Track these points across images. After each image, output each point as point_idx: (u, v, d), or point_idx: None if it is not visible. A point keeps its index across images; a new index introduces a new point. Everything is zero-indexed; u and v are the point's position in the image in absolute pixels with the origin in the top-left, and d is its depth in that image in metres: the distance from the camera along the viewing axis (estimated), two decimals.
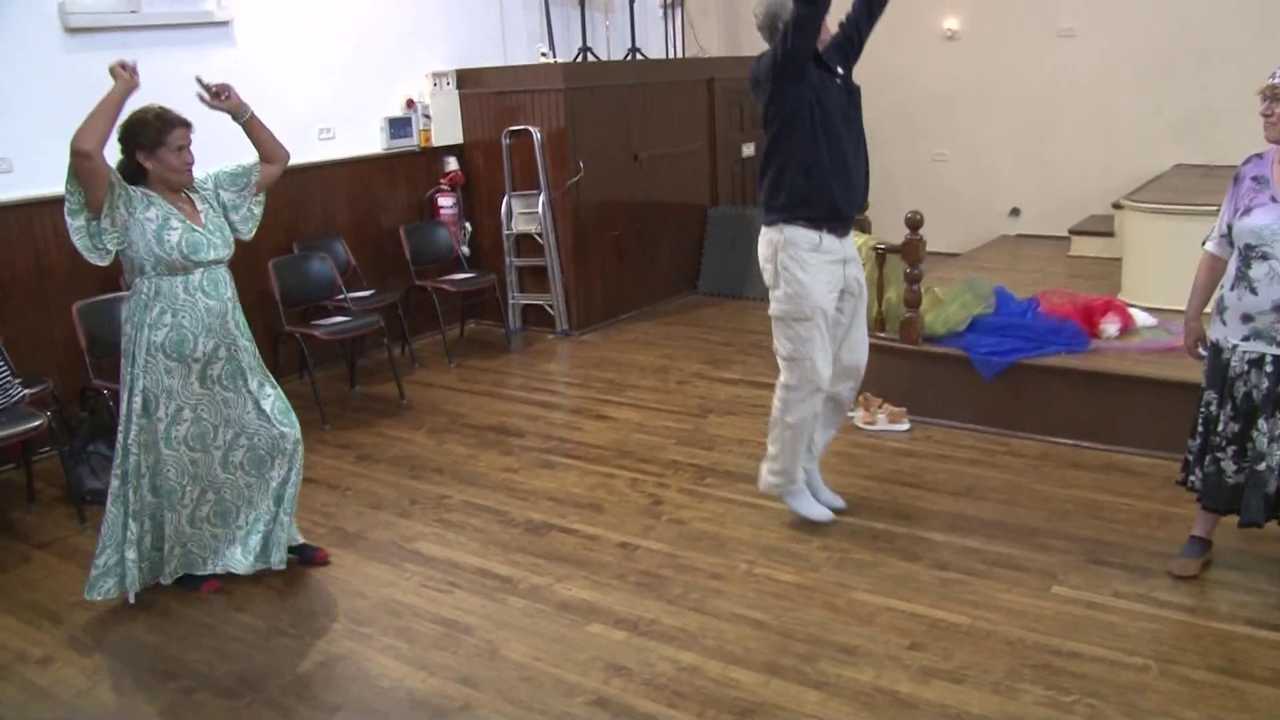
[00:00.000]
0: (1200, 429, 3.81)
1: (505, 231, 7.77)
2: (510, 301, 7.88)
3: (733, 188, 9.37)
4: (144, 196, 3.73)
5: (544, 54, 8.15)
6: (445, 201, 7.71)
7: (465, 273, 7.57)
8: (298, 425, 4.14)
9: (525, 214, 7.70)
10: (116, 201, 3.66)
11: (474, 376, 6.90)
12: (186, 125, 3.78)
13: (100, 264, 3.75)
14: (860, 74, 4.25)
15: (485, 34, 8.20)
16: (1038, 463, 5.03)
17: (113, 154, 3.71)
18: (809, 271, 4.10)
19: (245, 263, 6.27)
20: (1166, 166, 8.04)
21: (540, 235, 7.65)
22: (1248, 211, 3.56)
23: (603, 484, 5.04)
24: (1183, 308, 3.93)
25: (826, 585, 3.96)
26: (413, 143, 7.60)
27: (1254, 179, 3.60)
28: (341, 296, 6.51)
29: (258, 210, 4.09)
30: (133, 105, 3.72)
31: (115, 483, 3.91)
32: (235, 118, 3.95)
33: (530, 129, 7.53)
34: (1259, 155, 3.66)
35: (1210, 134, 7.79)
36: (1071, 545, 4.17)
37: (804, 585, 3.97)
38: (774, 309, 4.21)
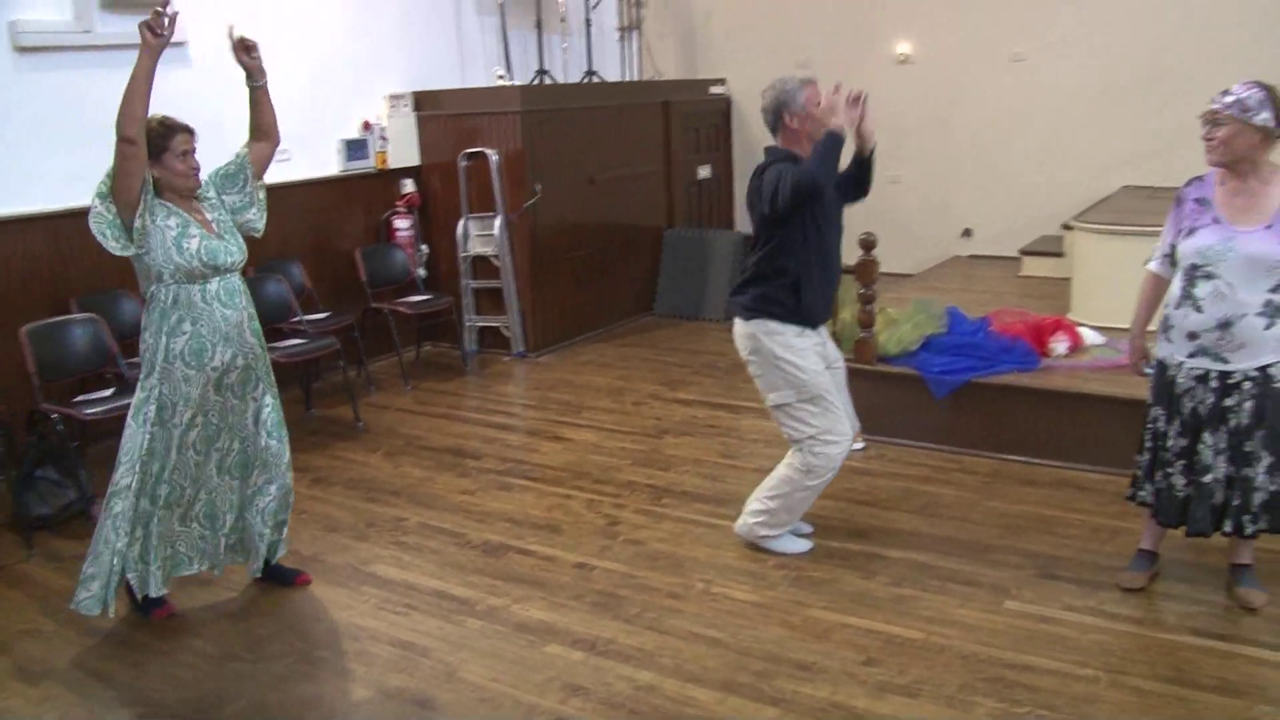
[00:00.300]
0: (1148, 445, 3.88)
1: (461, 254, 7.77)
2: (466, 324, 7.87)
3: (689, 210, 9.43)
4: (162, 205, 3.75)
5: (501, 77, 8.18)
6: (401, 224, 7.71)
7: (421, 295, 7.56)
8: (287, 442, 4.15)
9: (482, 236, 7.71)
10: (149, 202, 3.69)
11: (430, 399, 6.88)
12: (189, 131, 3.81)
13: (118, 252, 3.71)
14: None
15: (442, 57, 8.22)
16: (990, 480, 5.09)
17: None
18: (802, 355, 4.16)
19: None
20: (1114, 188, 8.18)
21: (497, 257, 7.66)
22: (1192, 232, 3.64)
23: (560, 505, 5.04)
24: (1130, 326, 4.01)
25: (783, 603, 3.99)
26: (369, 165, 7.59)
27: (1196, 201, 3.69)
28: (297, 319, 6.47)
29: (262, 196, 4.11)
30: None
31: (119, 500, 3.83)
32: (251, 78, 3.98)
33: (487, 151, 7.55)
34: (1200, 178, 3.75)
35: (1157, 157, 7.93)
36: (1024, 560, 4.23)
37: (760, 604, 3.99)
38: (775, 400, 4.21)
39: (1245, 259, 3.52)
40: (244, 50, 3.90)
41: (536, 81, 8.39)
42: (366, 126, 7.59)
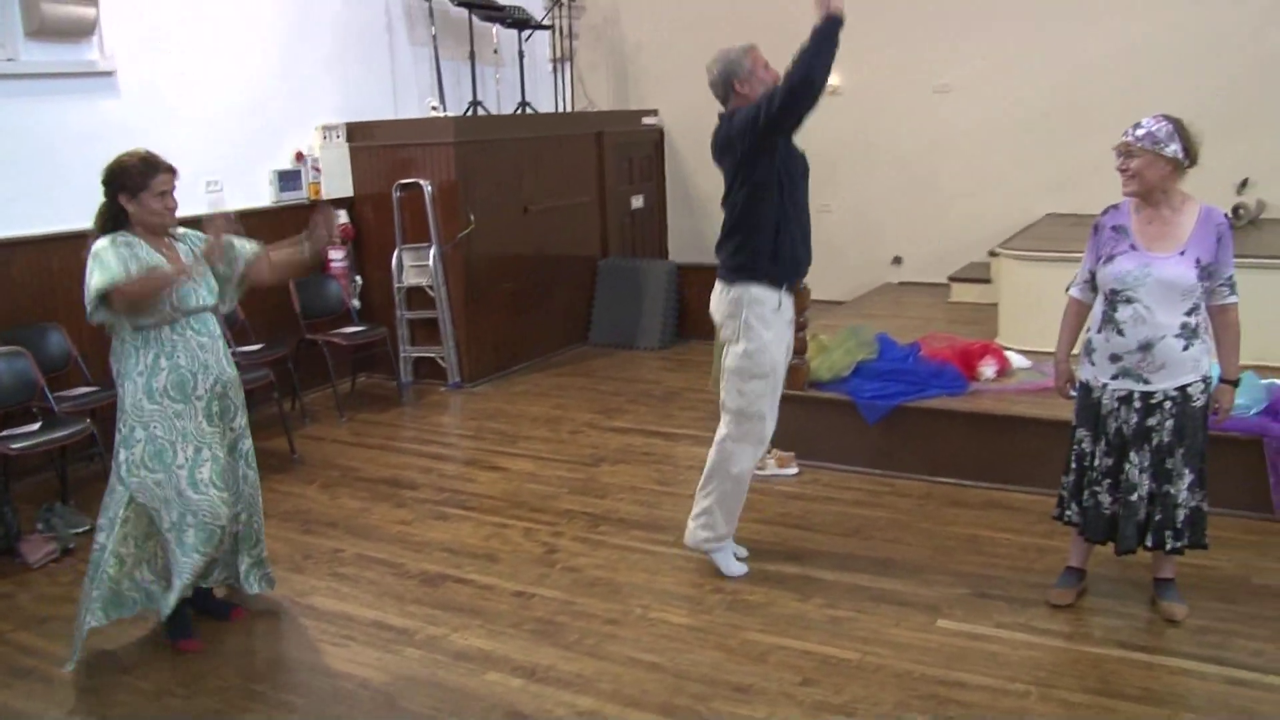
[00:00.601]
0: (1074, 465, 3.99)
1: (396, 284, 7.75)
2: (402, 354, 7.85)
3: (622, 240, 9.50)
4: (126, 245, 3.73)
5: (435, 107, 8.20)
6: (335, 255, 7.67)
7: (356, 326, 7.52)
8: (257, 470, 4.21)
9: (416, 267, 7.70)
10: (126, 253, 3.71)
11: (366, 430, 6.85)
12: (171, 171, 3.80)
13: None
14: None
15: (376, 87, 8.22)
16: (922, 502, 5.18)
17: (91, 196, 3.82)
18: (772, 329, 4.21)
19: None
20: (1039, 216, 8.39)
21: (431, 288, 7.65)
22: (1110, 259, 3.77)
23: (497, 534, 5.04)
24: (1055, 350, 4.13)
25: (719, 627, 4.03)
26: (302, 196, 7.55)
27: (1114, 228, 3.83)
28: (231, 350, 6.39)
29: (236, 295, 4.18)
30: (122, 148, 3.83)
31: (101, 536, 3.87)
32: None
33: (421, 182, 7.56)
34: (1116, 206, 3.89)
35: (1079, 185, 8.14)
36: (955, 580, 4.31)
37: (697, 627, 4.03)
38: (732, 362, 4.25)
39: (1161, 283, 3.65)
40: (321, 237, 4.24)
41: (470, 112, 8.42)
42: (299, 157, 7.56)
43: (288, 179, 7.43)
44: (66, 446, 5.34)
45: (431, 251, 7.59)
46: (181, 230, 3.97)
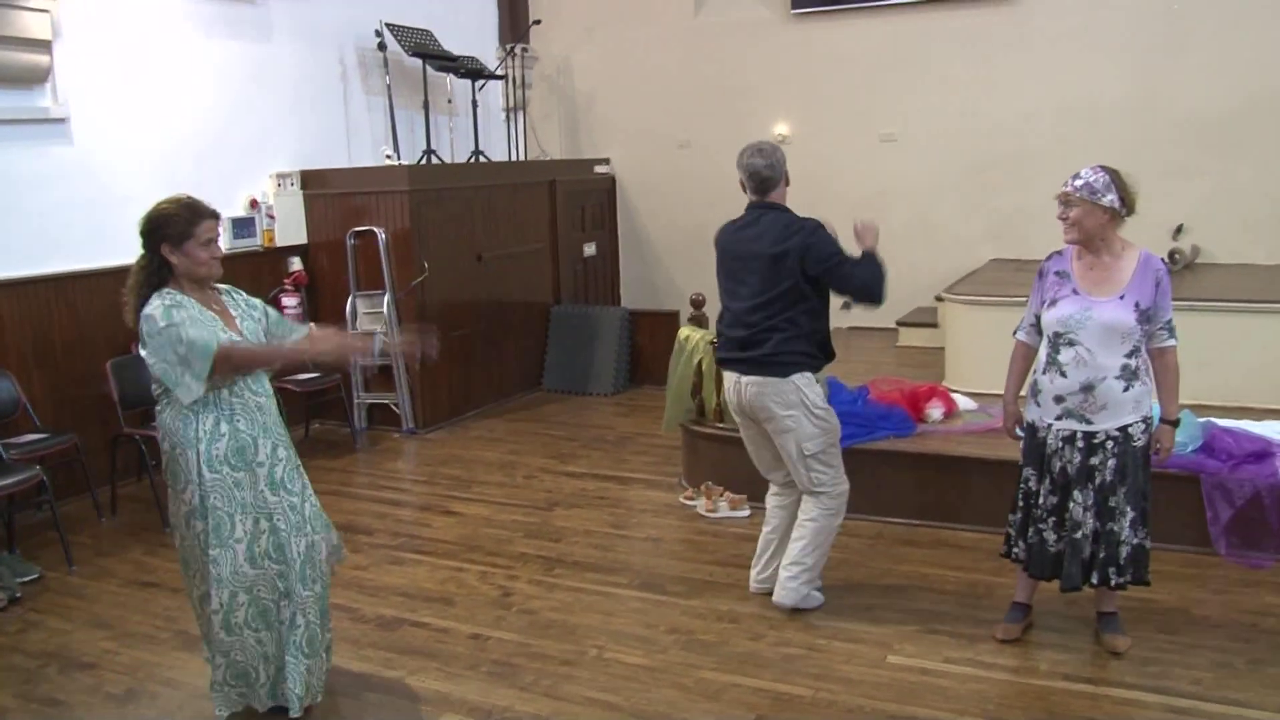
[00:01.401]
0: (1020, 503, 4.09)
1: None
2: (355, 401, 7.85)
3: (575, 286, 9.59)
4: (177, 306, 3.42)
5: (389, 156, 8.27)
6: (289, 301, 7.68)
7: (309, 373, 7.52)
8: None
9: (370, 314, 7.73)
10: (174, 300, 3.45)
11: (320, 476, 6.80)
12: (215, 217, 3.57)
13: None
14: (700, 179, 4.55)
15: (330, 135, 8.28)
16: (873, 542, 5.26)
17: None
18: (828, 404, 4.47)
19: (86, 364, 6.26)
20: (983, 261, 8.59)
21: (385, 335, 7.68)
22: (1054, 303, 3.90)
23: (453, 578, 5.05)
24: (1000, 391, 4.24)
25: (674, 666, 4.07)
26: (256, 243, 7.58)
27: (1056, 274, 3.96)
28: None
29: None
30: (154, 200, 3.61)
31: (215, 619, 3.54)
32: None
33: (375, 230, 7.61)
34: (1059, 252, 4.03)
35: (1022, 231, 8.37)
36: (905, 616, 4.39)
37: (652, 667, 4.07)
38: (812, 448, 4.36)
39: (1102, 326, 3.77)
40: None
41: (424, 161, 8.50)
42: (254, 204, 7.59)
43: (242, 226, 7.46)
44: (14, 494, 5.28)
45: (386, 298, 7.63)
46: (226, 287, 3.73)
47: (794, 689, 3.85)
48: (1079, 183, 3.80)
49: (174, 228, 3.44)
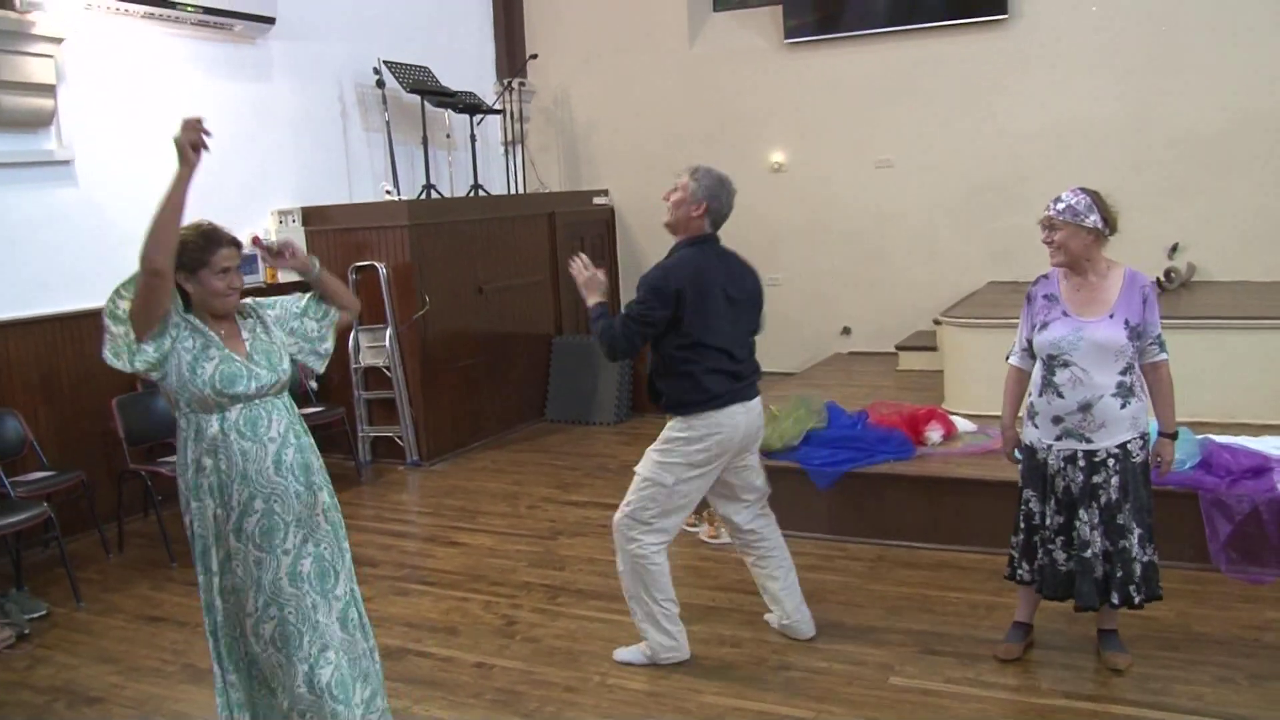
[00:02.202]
0: (1022, 525, 4.11)
1: (353, 365, 7.83)
2: (360, 434, 7.90)
3: (576, 317, 9.64)
4: (186, 323, 3.27)
5: (389, 191, 8.35)
6: None
7: (314, 406, 7.57)
8: (372, 632, 3.62)
9: (373, 348, 7.79)
10: (168, 329, 3.22)
11: None
12: (235, 244, 3.34)
13: (122, 369, 3.24)
14: None
15: (331, 171, 8.37)
16: (874, 565, 5.28)
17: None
18: None
19: (92, 401, 6.31)
20: (981, 284, 8.64)
21: (388, 368, 7.73)
22: (1045, 326, 3.94)
23: (457, 608, 5.08)
24: (998, 413, 4.26)
25: (677, 691, 4.09)
26: (259, 279, 7.63)
27: (1045, 297, 4.00)
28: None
29: (326, 347, 3.75)
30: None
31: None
32: (303, 275, 3.56)
33: (376, 264, 7.68)
34: (1046, 276, 4.07)
35: (1019, 254, 8.40)
36: (907, 638, 4.40)
37: (655, 692, 4.09)
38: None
39: (1094, 346, 3.81)
40: (278, 257, 3.50)
41: (423, 195, 8.58)
42: (255, 241, 7.63)
43: (244, 263, 7.48)
44: (22, 531, 5.32)
45: (387, 332, 7.69)
46: (248, 303, 3.49)
47: (796, 711, 3.87)
48: (1061, 206, 3.85)
49: (188, 255, 3.24)
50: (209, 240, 3.29)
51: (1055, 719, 3.70)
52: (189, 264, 3.25)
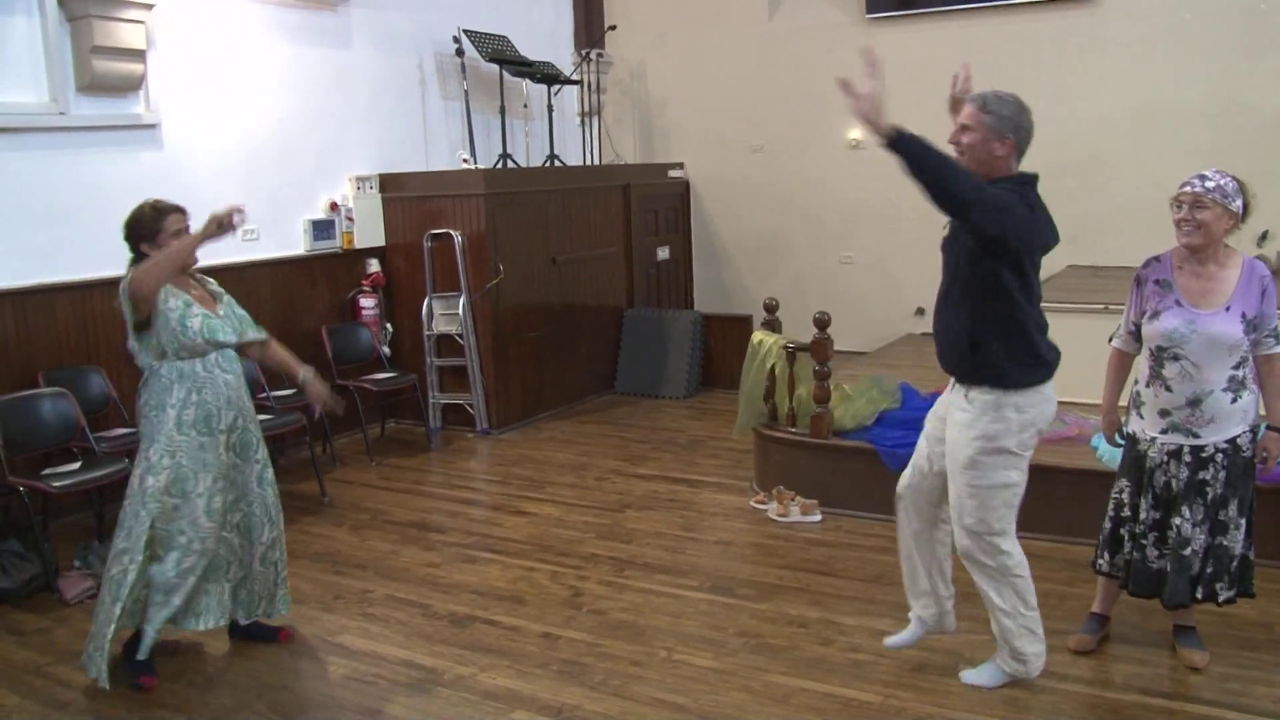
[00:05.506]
0: (1111, 513, 4.01)
1: (426, 332, 7.89)
2: (430, 401, 7.96)
3: (648, 290, 9.63)
4: (164, 290, 3.97)
5: (465, 160, 8.37)
6: (367, 303, 7.82)
7: (386, 372, 7.66)
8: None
9: (446, 315, 7.84)
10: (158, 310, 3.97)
11: (395, 474, 6.94)
12: (180, 210, 4.07)
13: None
14: (774, 182, 4.48)
15: (408, 140, 8.41)
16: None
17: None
18: None
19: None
20: (1060, 268, 8.46)
21: (460, 336, 7.78)
22: (1156, 315, 3.77)
23: (524, 577, 5.11)
24: (1078, 400, 4.15)
25: (743, 669, 4.08)
26: (335, 245, 7.72)
27: (1156, 282, 3.81)
28: (264, 395, 6.54)
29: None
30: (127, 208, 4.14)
31: (115, 564, 4.01)
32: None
33: (451, 232, 7.72)
34: (1157, 259, 3.86)
35: (1098, 238, 8.23)
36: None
37: (721, 670, 4.08)
38: None
39: (1208, 340, 3.64)
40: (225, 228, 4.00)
41: (499, 165, 8.60)
42: (333, 207, 7.73)
43: (321, 228, 7.60)
44: (105, 486, 5.45)
45: (461, 300, 7.73)
46: (211, 282, 4.32)
47: (863, 695, 3.84)
48: (1211, 184, 3.64)
49: (145, 227, 4.01)
50: (159, 212, 4.04)
51: (1128, 715, 3.63)
52: (148, 234, 4.01)
